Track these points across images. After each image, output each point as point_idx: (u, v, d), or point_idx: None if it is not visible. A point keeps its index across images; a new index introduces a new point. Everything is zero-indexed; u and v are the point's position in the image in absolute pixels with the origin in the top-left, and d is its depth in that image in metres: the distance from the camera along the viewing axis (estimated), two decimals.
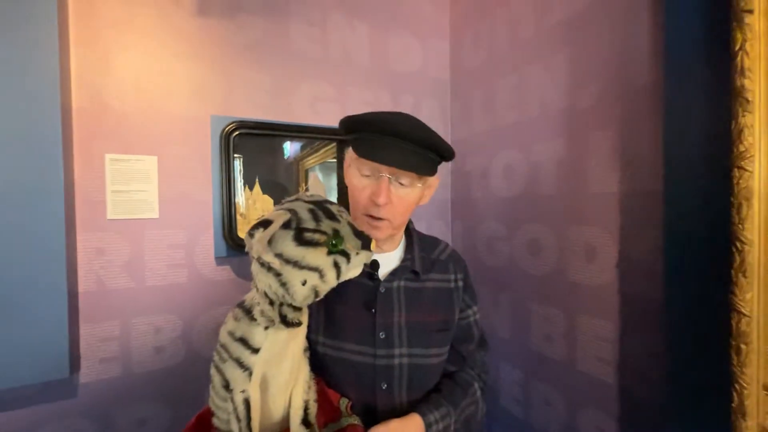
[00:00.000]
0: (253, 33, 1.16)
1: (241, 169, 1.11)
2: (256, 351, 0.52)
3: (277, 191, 1.16)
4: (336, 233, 0.51)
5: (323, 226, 0.50)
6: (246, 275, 1.15)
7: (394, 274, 0.69)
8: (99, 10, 0.99)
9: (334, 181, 1.28)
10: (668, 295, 0.73)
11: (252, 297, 0.54)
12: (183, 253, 1.08)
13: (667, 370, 0.73)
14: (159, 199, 1.05)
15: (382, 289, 0.67)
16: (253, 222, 0.48)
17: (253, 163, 1.12)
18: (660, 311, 0.77)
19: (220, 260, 1.11)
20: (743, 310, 0.55)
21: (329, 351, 0.66)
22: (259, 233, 0.46)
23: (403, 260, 0.71)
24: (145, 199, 1.04)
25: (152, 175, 1.05)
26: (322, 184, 1.14)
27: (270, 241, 0.47)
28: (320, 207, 0.52)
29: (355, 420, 0.61)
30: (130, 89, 1.02)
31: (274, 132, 1.13)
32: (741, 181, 0.55)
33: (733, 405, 0.56)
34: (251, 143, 1.12)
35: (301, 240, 0.49)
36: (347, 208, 0.60)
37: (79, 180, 0.97)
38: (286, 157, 1.22)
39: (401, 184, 0.63)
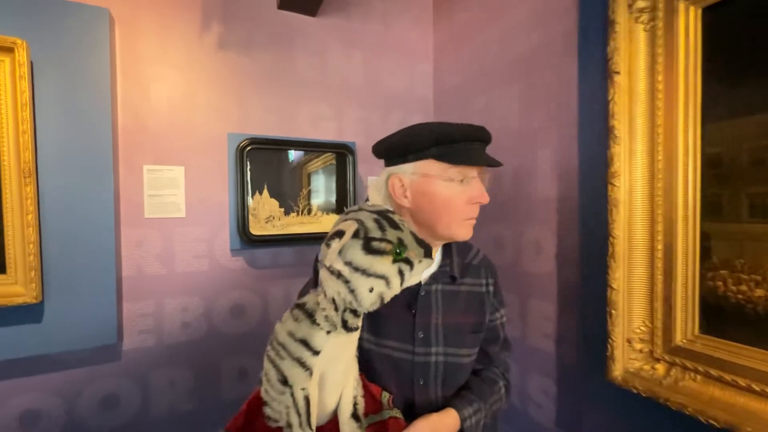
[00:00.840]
0: (264, 64, 1.39)
1: (252, 177, 1.34)
2: (317, 353, 0.54)
3: (281, 196, 1.39)
4: (400, 242, 0.53)
5: (388, 235, 0.52)
6: (255, 264, 1.38)
7: (434, 278, 0.72)
8: (139, 48, 1.22)
9: (333, 182, 1.48)
10: (582, 277, 0.94)
11: (314, 301, 0.56)
12: (205, 246, 1.32)
13: (579, 335, 0.95)
14: (185, 201, 1.28)
15: (422, 292, 0.71)
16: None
17: (262, 172, 1.35)
18: (577, 291, 0.99)
19: (234, 252, 1.34)
20: (613, 285, 0.77)
21: (373, 347, 0.69)
22: (336, 243, 0.50)
23: (441, 265, 0.74)
24: (174, 201, 1.27)
25: (180, 182, 1.28)
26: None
27: (340, 251, 0.51)
28: (384, 217, 0.55)
29: (397, 413, 0.64)
30: (164, 111, 1.25)
31: (281, 146, 1.36)
32: (612, 193, 0.77)
33: (607, 354, 0.78)
34: (261, 156, 1.35)
35: (369, 249, 0.51)
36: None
37: (123, 186, 1.20)
38: (291, 161, 1.44)
39: (482, 182, 0.69)
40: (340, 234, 0.51)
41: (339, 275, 0.52)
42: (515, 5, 1.24)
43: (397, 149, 0.69)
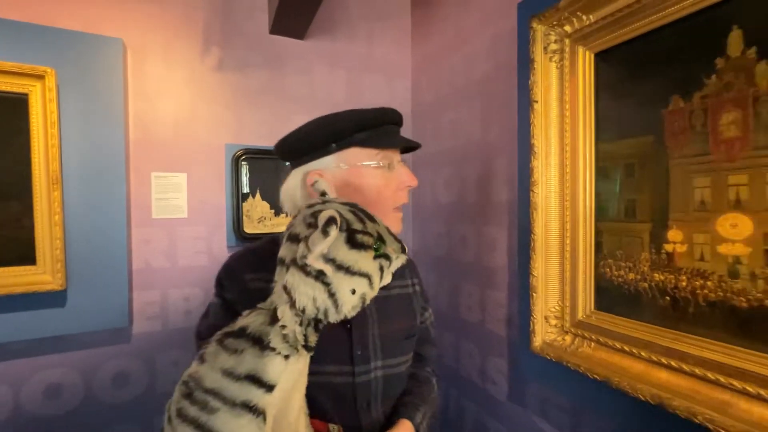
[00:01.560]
0: (257, 82, 1.58)
1: (247, 182, 1.52)
2: (271, 388, 0.44)
3: (272, 199, 1.57)
4: (379, 236, 0.47)
5: (368, 227, 0.46)
6: None
7: None
8: (148, 71, 1.40)
9: None
10: (518, 267, 1.12)
11: (260, 321, 0.47)
12: (204, 243, 1.50)
13: (518, 316, 1.13)
14: (188, 204, 1.47)
15: None
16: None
17: (256, 178, 1.54)
18: (517, 279, 1.17)
19: (231, 248, 1.53)
20: (534, 273, 0.95)
21: (309, 378, 0.55)
22: (319, 235, 0.43)
23: None
24: (178, 204, 1.45)
25: (183, 187, 1.46)
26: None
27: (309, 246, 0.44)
28: (357, 209, 0.48)
29: None
30: (169, 125, 1.44)
31: (272, 156, 1.55)
32: (532, 198, 0.95)
33: (530, 329, 0.96)
34: (254, 164, 1.53)
35: (353, 243, 0.44)
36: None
37: (133, 191, 1.39)
38: (286, 164, 1.62)
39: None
40: (321, 225, 0.43)
41: (318, 276, 0.44)
42: (476, 35, 1.43)
43: (315, 142, 0.63)
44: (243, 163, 1.50)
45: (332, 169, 0.64)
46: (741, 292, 0.63)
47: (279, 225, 1.57)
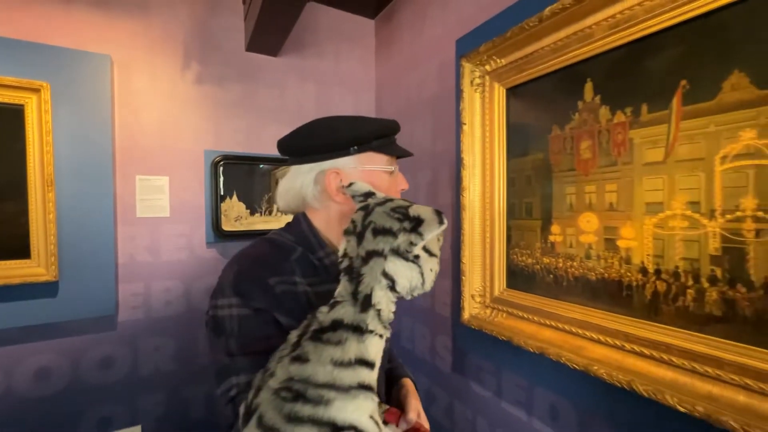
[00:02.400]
0: (234, 94, 1.75)
1: (224, 185, 1.69)
2: (372, 366, 0.50)
3: (248, 200, 1.74)
4: None
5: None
6: (226, 254, 1.72)
7: None
8: (133, 83, 1.55)
9: None
10: (450, 256, 1.36)
11: (350, 312, 0.51)
12: (185, 240, 1.65)
13: (453, 296, 1.37)
14: (170, 204, 1.62)
15: None
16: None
17: (232, 181, 1.71)
18: (452, 266, 1.41)
19: (209, 244, 1.69)
20: (463, 261, 1.19)
21: None
22: (446, 222, 0.51)
23: None
24: (161, 204, 1.60)
25: (165, 189, 1.61)
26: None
27: (422, 234, 0.51)
28: (410, 202, 0.57)
29: (385, 405, 0.64)
30: (153, 133, 1.59)
31: (247, 161, 1.72)
32: (462, 201, 1.19)
33: (461, 306, 1.20)
34: (231, 168, 1.70)
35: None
36: None
37: (119, 192, 1.53)
38: (261, 167, 1.79)
39: None
40: (434, 217, 0.52)
41: (414, 260, 0.51)
42: (427, 60, 1.66)
43: (337, 142, 0.67)
44: (221, 167, 1.67)
45: (349, 170, 0.68)
46: (592, 269, 0.89)
47: (254, 223, 1.75)
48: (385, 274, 0.51)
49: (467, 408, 1.44)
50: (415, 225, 0.51)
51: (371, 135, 0.69)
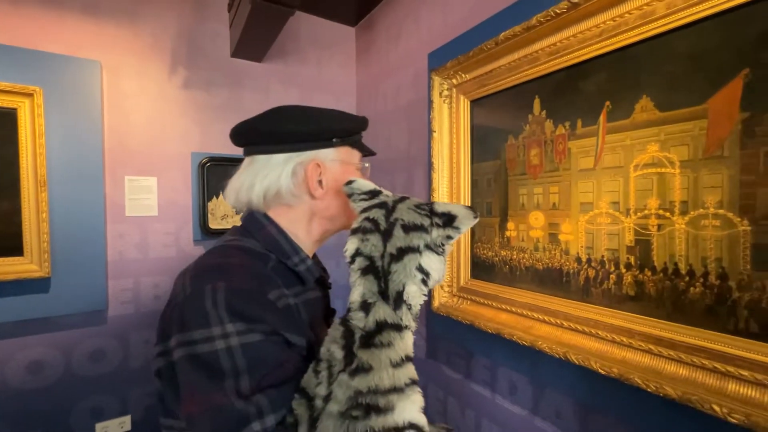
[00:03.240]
0: (220, 99, 1.83)
1: (211, 185, 1.78)
2: (412, 360, 0.51)
3: None
4: None
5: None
6: None
7: (322, 283, 0.70)
8: (122, 88, 1.62)
9: None
10: None
11: (388, 311, 0.51)
12: (173, 238, 1.73)
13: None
14: (158, 203, 1.69)
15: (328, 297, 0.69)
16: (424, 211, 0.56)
17: (219, 182, 1.79)
18: None
19: (196, 242, 1.77)
20: None
21: None
22: (478, 217, 0.54)
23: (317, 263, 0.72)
24: (149, 204, 1.68)
25: (154, 189, 1.69)
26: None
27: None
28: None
29: None
30: (142, 135, 1.66)
31: (233, 163, 1.81)
32: (432, 200, 1.32)
33: (431, 295, 1.34)
34: (218, 169, 1.79)
35: None
36: None
37: (109, 192, 1.60)
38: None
39: None
40: (469, 212, 0.55)
41: (442, 253, 0.54)
42: (403, 69, 1.79)
43: (322, 132, 0.62)
44: (207, 168, 1.76)
45: (329, 163, 0.64)
46: (539, 259, 1.03)
47: (239, 222, 1.84)
48: (421, 269, 0.52)
49: (440, 390, 1.57)
50: (448, 220, 0.53)
51: (353, 129, 0.66)
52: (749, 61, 0.65)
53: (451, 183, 1.30)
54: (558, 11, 0.89)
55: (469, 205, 0.56)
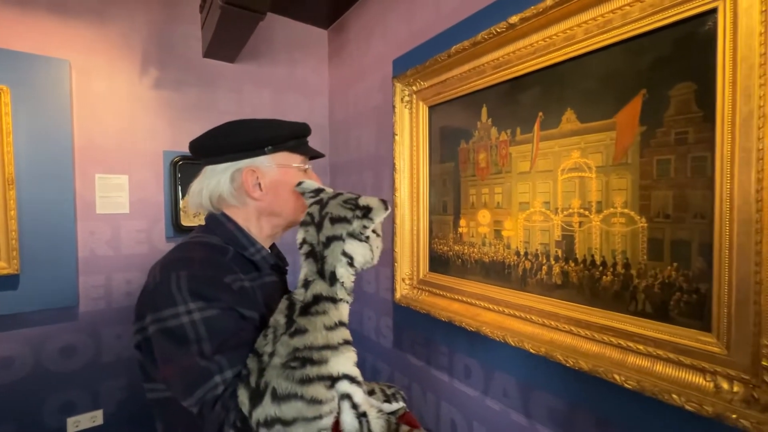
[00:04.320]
0: (192, 99, 1.87)
1: (183, 184, 1.81)
2: (347, 325, 0.62)
3: None
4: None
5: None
6: None
7: (279, 269, 0.80)
8: (92, 87, 1.63)
9: None
10: (389, 246, 1.59)
11: (325, 287, 0.62)
12: (145, 235, 1.76)
13: (390, 280, 1.59)
14: (129, 201, 1.72)
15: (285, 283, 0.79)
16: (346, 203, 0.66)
17: (191, 180, 1.82)
18: (389, 256, 1.64)
19: (169, 239, 1.81)
20: (396, 250, 1.42)
21: None
22: (381, 213, 0.63)
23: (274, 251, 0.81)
24: (120, 201, 1.70)
25: (125, 187, 1.71)
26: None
27: (373, 218, 0.63)
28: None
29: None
30: (113, 134, 1.68)
31: (196, 162, 1.85)
32: (395, 199, 1.41)
33: (393, 288, 1.43)
34: (190, 168, 1.83)
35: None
36: None
37: (79, 190, 1.62)
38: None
39: None
40: (381, 205, 0.65)
41: (366, 239, 0.63)
42: (372, 73, 1.87)
43: (253, 142, 0.72)
44: (180, 167, 1.79)
45: (265, 168, 0.73)
46: (486, 253, 1.14)
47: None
48: (345, 253, 0.62)
49: (405, 377, 1.67)
50: (366, 212, 0.63)
51: (287, 136, 0.75)
52: (646, 83, 0.77)
53: (411, 183, 1.40)
54: (498, 30, 0.99)
55: (383, 199, 0.65)
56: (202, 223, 0.80)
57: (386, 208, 0.66)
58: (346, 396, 0.59)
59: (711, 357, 0.68)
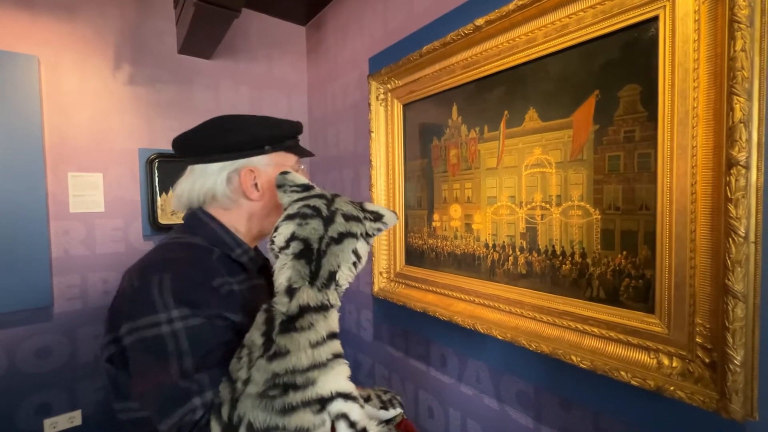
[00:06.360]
0: (167, 95, 1.85)
1: (160, 181, 1.80)
2: (338, 335, 0.56)
3: None
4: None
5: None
6: None
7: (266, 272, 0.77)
8: (62, 84, 1.60)
9: None
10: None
11: (313, 295, 0.55)
12: (121, 233, 1.75)
13: (369, 274, 1.63)
14: (104, 200, 1.70)
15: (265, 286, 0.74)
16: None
17: (168, 178, 1.82)
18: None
19: (146, 237, 1.80)
20: (373, 244, 1.45)
21: None
22: (388, 216, 0.64)
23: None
24: (95, 200, 1.68)
25: (99, 185, 1.69)
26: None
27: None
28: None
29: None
30: (84, 132, 1.65)
31: (181, 160, 1.84)
32: (371, 195, 1.45)
33: (372, 281, 1.47)
34: (166, 165, 1.81)
35: None
36: None
37: (52, 189, 1.59)
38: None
39: None
40: (380, 214, 0.64)
41: (369, 243, 0.63)
42: (349, 70, 1.89)
43: (254, 141, 0.69)
44: (156, 165, 1.78)
45: (262, 167, 0.70)
46: (458, 246, 1.19)
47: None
48: (355, 252, 0.59)
49: (385, 368, 1.72)
50: (377, 217, 0.63)
51: (286, 135, 0.72)
52: (599, 84, 0.82)
53: (387, 179, 1.43)
54: (466, 32, 1.04)
55: (388, 205, 0.68)
56: (179, 221, 0.77)
57: (397, 217, 0.67)
58: (342, 416, 0.52)
59: (654, 336, 0.74)
